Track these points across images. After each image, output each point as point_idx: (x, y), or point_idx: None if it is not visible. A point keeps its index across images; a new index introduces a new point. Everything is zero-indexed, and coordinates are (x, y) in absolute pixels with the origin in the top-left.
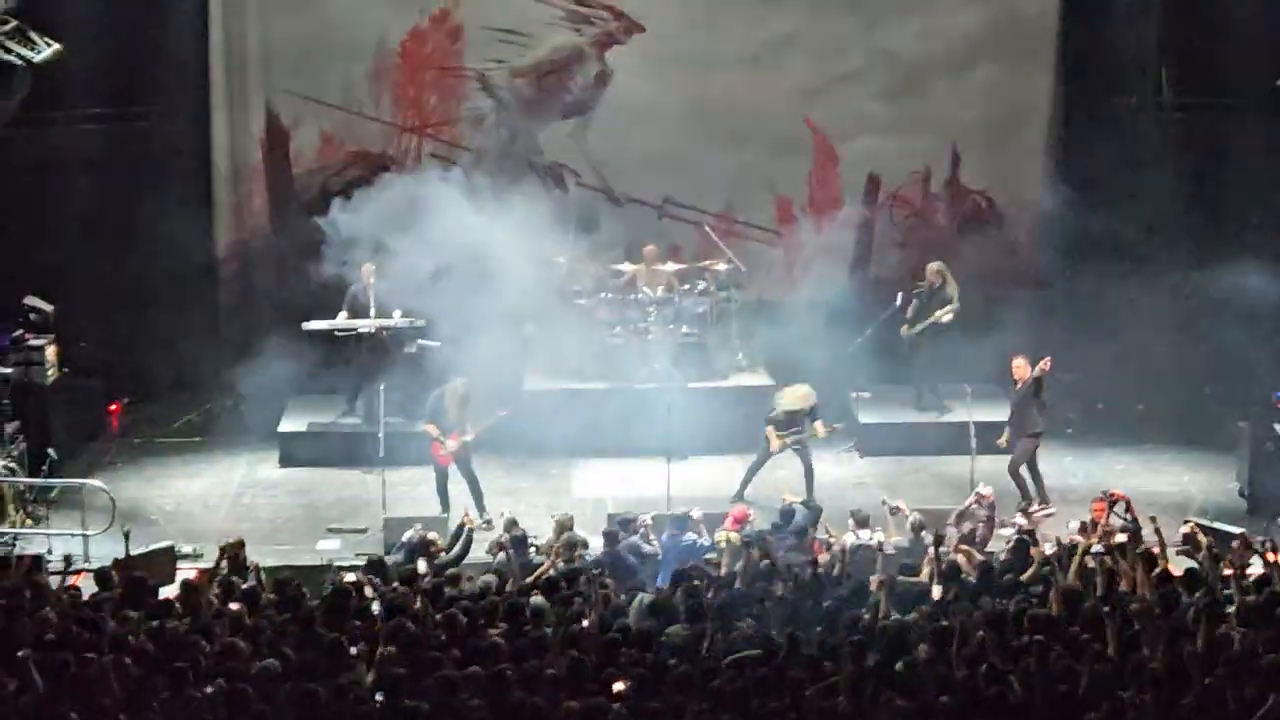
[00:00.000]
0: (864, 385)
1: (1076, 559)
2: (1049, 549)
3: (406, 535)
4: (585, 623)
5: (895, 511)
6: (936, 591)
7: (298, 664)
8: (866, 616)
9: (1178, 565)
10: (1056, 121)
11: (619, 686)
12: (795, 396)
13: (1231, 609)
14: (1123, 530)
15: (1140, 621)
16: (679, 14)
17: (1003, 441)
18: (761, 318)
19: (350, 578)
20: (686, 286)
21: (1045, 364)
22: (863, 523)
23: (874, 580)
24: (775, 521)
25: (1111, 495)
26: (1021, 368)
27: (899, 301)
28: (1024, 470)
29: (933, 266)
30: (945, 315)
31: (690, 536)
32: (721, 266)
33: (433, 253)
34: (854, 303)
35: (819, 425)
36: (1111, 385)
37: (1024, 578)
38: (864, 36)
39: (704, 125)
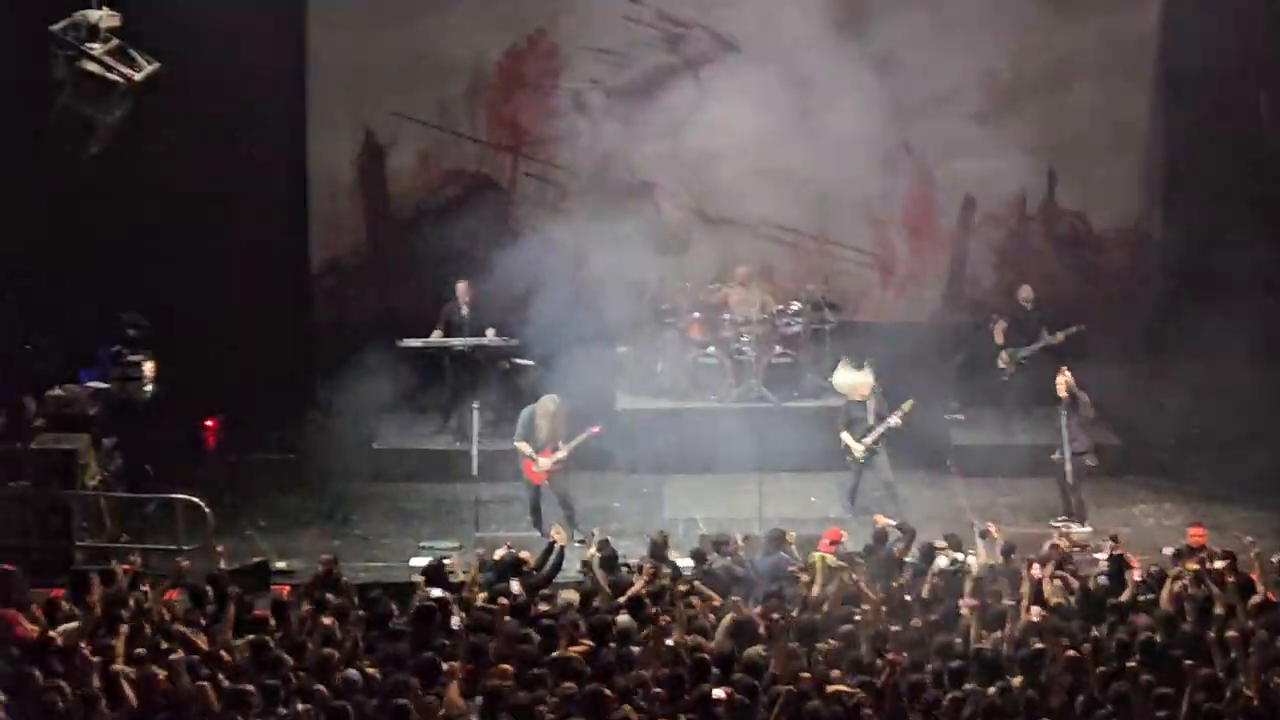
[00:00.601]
0: (958, 407)
1: (1169, 585)
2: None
3: (498, 553)
4: (670, 641)
5: (985, 535)
6: (1035, 613)
7: (386, 680)
8: (958, 641)
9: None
10: (1155, 143)
11: (719, 694)
12: (855, 388)
13: None
14: (1222, 557)
15: (1234, 650)
16: (774, 34)
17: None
18: (855, 338)
19: (436, 594)
20: (780, 307)
21: (1066, 379)
22: (955, 546)
23: (964, 604)
24: (868, 544)
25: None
26: (1062, 385)
27: (994, 323)
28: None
29: (1026, 289)
30: (1057, 337)
31: (783, 556)
32: (815, 287)
33: (526, 271)
34: (947, 324)
35: (894, 416)
36: (1208, 412)
37: (1121, 600)
38: (960, 57)
39: (799, 145)
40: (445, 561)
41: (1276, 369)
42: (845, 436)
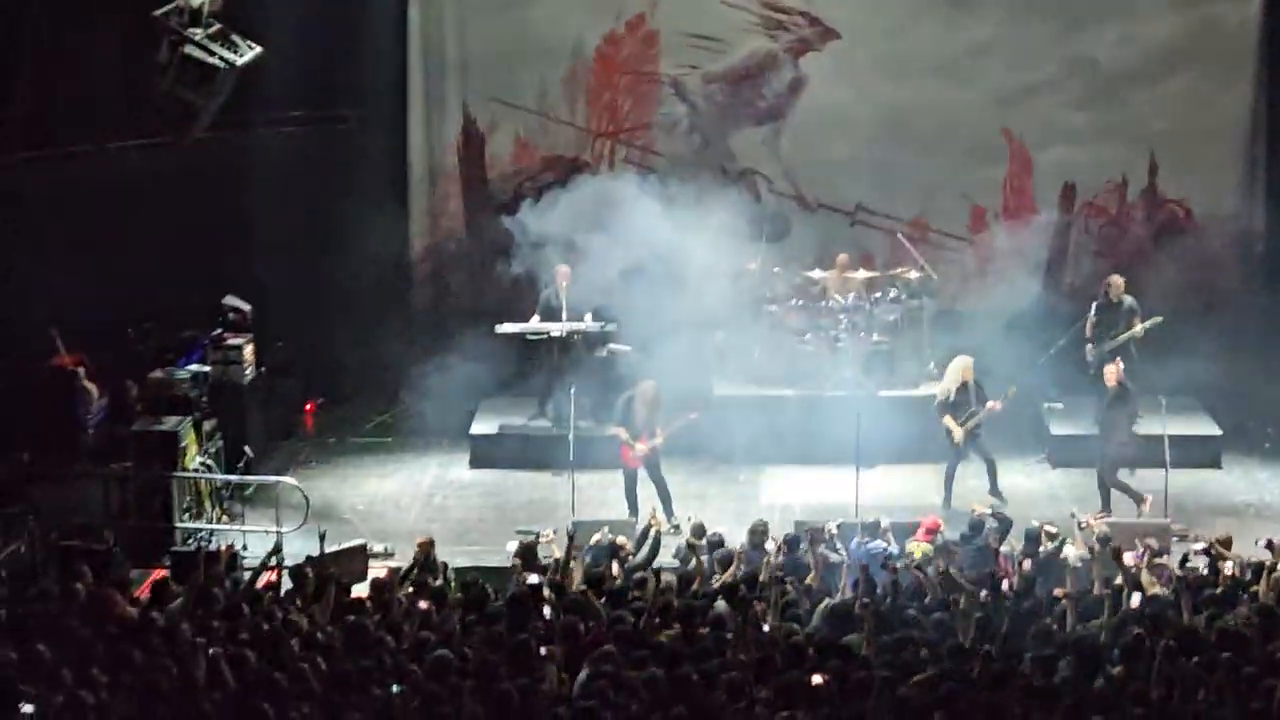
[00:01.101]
0: (1056, 396)
1: (1265, 576)
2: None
3: (595, 538)
4: (765, 627)
5: (1084, 526)
6: (1135, 600)
7: (483, 664)
8: (1055, 629)
9: None
10: (1258, 132)
11: (818, 679)
12: (956, 370)
13: None
14: None
15: None
16: (874, 21)
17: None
18: (953, 326)
19: (532, 579)
20: (878, 294)
21: (1116, 369)
22: (1053, 537)
23: (1059, 593)
24: (964, 532)
25: None
26: (1111, 374)
27: (1093, 311)
28: (1119, 479)
29: (1116, 280)
30: (1138, 330)
31: (879, 544)
32: (913, 274)
33: (625, 256)
34: (1047, 312)
35: (992, 403)
36: None
37: (1218, 591)
38: (1061, 44)
39: (898, 132)
40: (540, 541)
41: None
42: (948, 421)
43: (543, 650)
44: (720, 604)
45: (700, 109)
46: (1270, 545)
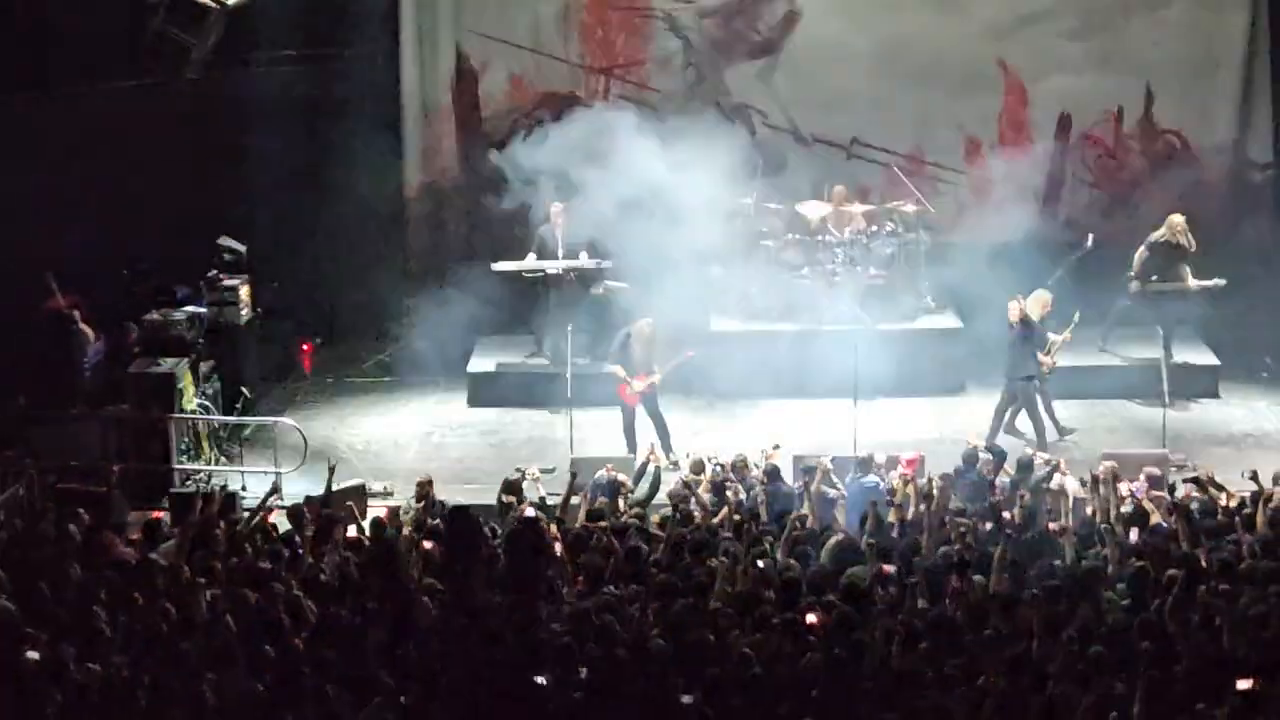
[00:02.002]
0: (1054, 327)
1: (1261, 507)
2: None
3: (598, 475)
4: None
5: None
6: (1133, 533)
7: (481, 600)
8: (1056, 563)
9: None
10: (1254, 60)
11: (813, 618)
12: (1036, 305)
13: None
14: None
15: None
16: None
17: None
18: (950, 259)
19: (530, 513)
20: (874, 228)
21: (1018, 305)
22: (1027, 466)
23: (1055, 526)
24: (957, 466)
25: None
26: (1014, 309)
27: (1089, 243)
28: (1025, 415)
29: (1175, 220)
30: (1196, 285)
31: (873, 479)
32: (910, 208)
33: (620, 192)
34: (1043, 243)
35: (1058, 336)
36: None
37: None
38: None
39: (893, 65)
40: (526, 479)
41: None
42: (1043, 356)
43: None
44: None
45: (694, 43)
46: (1254, 476)
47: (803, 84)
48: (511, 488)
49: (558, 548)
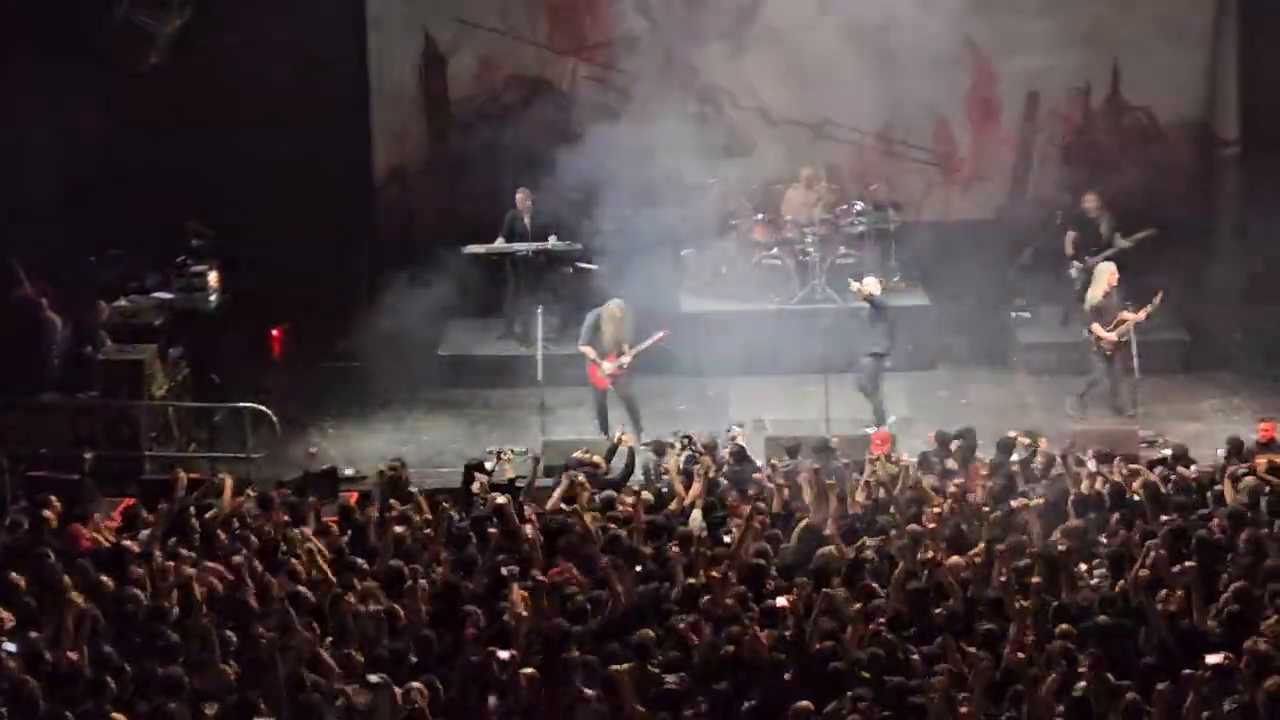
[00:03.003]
0: (1024, 304)
1: (1227, 481)
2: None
3: (576, 455)
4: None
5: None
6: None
7: (451, 584)
8: (1024, 539)
9: None
10: (1221, 34)
11: (783, 601)
12: (1103, 277)
13: None
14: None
15: None
16: None
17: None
18: (919, 238)
19: (500, 500)
20: (843, 207)
21: (864, 285)
22: (1007, 448)
23: (1017, 503)
24: (924, 451)
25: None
26: (862, 288)
27: (1059, 220)
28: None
29: (1091, 197)
30: (1127, 242)
31: (836, 465)
32: (879, 187)
33: (590, 176)
34: (1012, 222)
35: (1131, 313)
36: (1277, 304)
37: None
38: None
39: (861, 45)
40: (499, 461)
41: None
42: (1096, 327)
43: (504, 571)
44: (695, 519)
45: (662, 25)
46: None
47: (771, 65)
48: (478, 468)
49: (528, 530)
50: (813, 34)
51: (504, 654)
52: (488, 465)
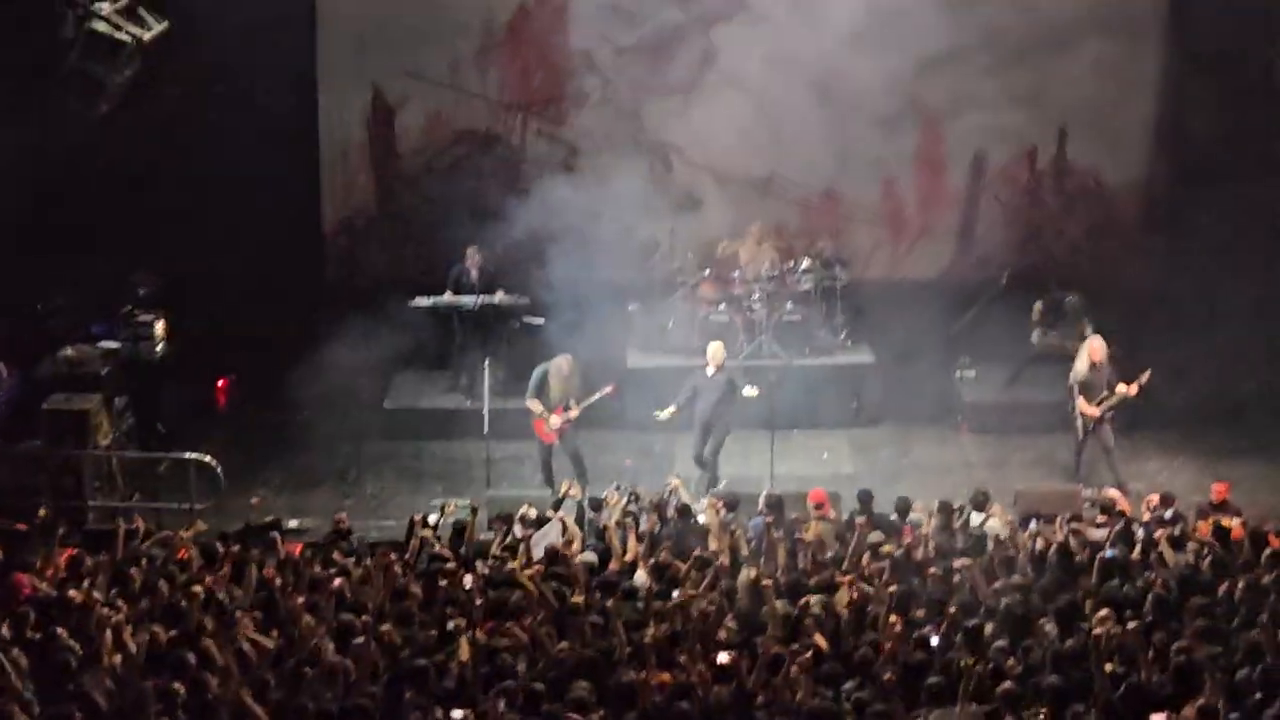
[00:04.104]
0: (969, 363)
1: (1164, 543)
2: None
3: (522, 512)
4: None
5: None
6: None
7: (394, 638)
8: (978, 597)
9: None
10: (1167, 100)
11: (724, 658)
12: (1089, 350)
13: None
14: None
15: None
16: None
17: None
18: (865, 296)
19: (444, 553)
20: (790, 264)
21: (720, 351)
22: (980, 505)
23: (959, 563)
24: (854, 510)
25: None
26: (716, 358)
27: (1005, 280)
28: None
29: (1073, 299)
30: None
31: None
32: (825, 244)
33: (538, 230)
34: (958, 281)
35: (1125, 386)
36: (1220, 364)
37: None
38: (971, 13)
39: (809, 103)
40: (443, 513)
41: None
42: (1081, 401)
43: (450, 625)
44: (639, 575)
45: (612, 81)
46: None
47: (720, 121)
48: (422, 522)
49: (467, 581)
50: (761, 91)
51: (457, 714)
52: (431, 519)
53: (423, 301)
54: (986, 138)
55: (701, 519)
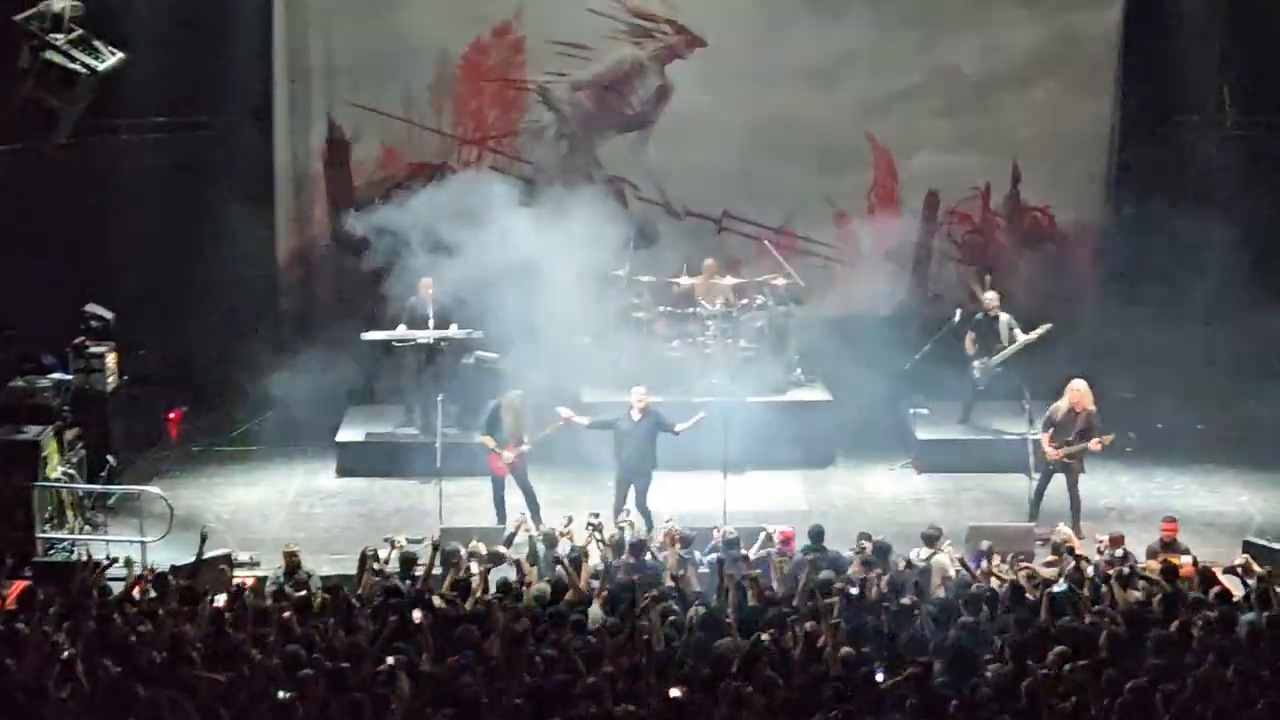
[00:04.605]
0: (922, 401)
1: (1120, 585)
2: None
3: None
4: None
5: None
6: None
7: (343, 671)
8: (926, 634)
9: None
10: (1117, 140)
11: (675, 693)
12: (1070, 394)
13: None
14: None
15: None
16: (740, 28)
17: None
18: (819, 332)
19: (397, 586)
20: (745, 301)
21: (643, 395)
22: (930, 541)
23: (907, 600)
24: (807, 544)
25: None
26: (640, 397)
27: (957, 318)
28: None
29: (990, 296)
30: (1030, 336)
31: (712, 557)
32: (780, 281)
33: (491, 263)
34: (911, 318)
35: (1092, 443)
36: (1169, 404)
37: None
38: (925, 52)
39: (764, 140)
40: (395, 547)
41: (1225, 368)
42: (1044, 437)
43: (390, 660)
44: (594, 611)
45: (567, 116)
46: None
47: (675, 157)
48: (370, 558)
49: (417, 616)
50: (716, 128)
51: None
52: (382, 553)
53: (375, 335)
54: (940, 176)
55: (663, 556)
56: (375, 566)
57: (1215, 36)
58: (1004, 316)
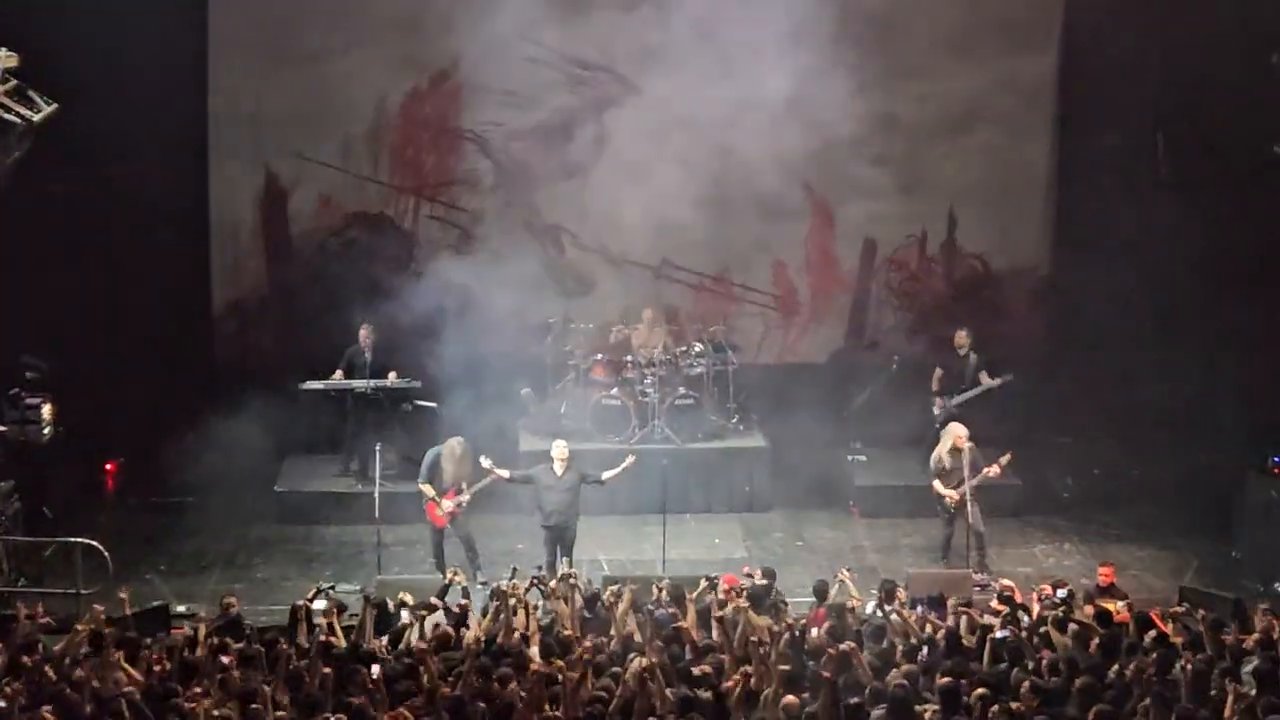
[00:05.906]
0: (860, 448)
1: (1050, 627)
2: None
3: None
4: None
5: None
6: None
7: None
8: (864, 678)
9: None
10: (1053, 185)
11: None
12: (949, 437)
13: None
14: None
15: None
16: (676, 77)
17: None
18: (757, 380)
19: (333, 640)
20: (683, 348)
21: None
22: (820, 593)
23: (845, 646)
24: (751, 588)
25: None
26: (561, 451)
27: (895, 365)
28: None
29: (961, 335)
30: (995, 382)
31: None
32: (717, 329)
33: (430, 313)
34: (849, 365)
35: (989, 468)
36: (1106, 451)
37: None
38: (861, 100)
39: (701, 188)
40: (330, 596)
41: (1172, 414)
42: (938, 484)
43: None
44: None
45: (504, 164)
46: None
47: (612, 205)
48: (302, 612)
49: (375, 670)
50: (654, 177)
51: None
52: (316, 605)
53: (313, 385)
54: (876, 223)
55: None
56: (312, 620)
57: (1152, 82)
58: (974, 358)
